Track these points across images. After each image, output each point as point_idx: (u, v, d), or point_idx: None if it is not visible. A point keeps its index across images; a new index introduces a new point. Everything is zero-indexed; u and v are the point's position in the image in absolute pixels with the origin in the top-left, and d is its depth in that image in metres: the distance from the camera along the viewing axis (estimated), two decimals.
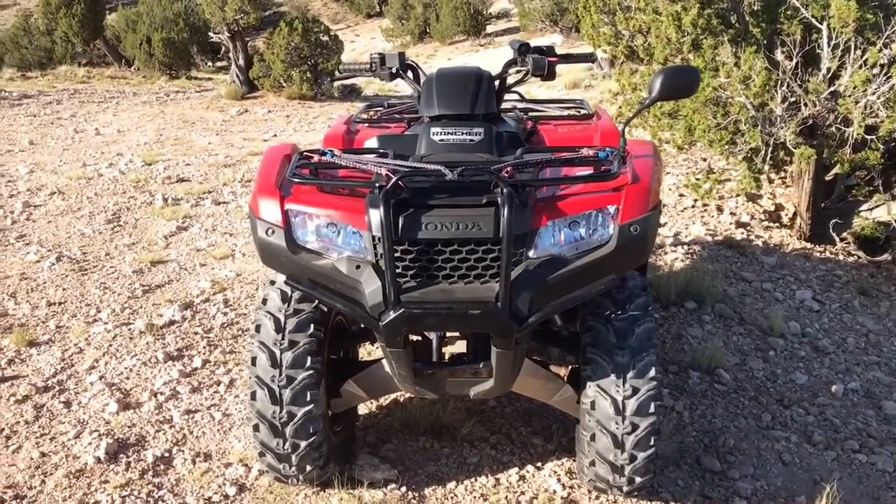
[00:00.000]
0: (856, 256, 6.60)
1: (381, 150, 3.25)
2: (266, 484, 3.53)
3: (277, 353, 3.16)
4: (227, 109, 14.01)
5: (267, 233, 2.95)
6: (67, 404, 4.23)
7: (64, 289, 5.76)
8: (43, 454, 3.79)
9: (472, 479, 3.55)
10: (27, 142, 10.82)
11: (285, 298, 3.22)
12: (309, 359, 3.16)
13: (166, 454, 3.79)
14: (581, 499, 3.43)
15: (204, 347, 4.81)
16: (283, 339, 3.17)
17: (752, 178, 6.50)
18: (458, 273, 2.82)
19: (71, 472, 3.64)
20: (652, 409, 3.05)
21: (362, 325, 3.55)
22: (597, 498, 3.42)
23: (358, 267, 2.86)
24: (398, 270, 2.79)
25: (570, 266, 2.83)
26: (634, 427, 3.05)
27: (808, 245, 6.79)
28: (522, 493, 3.46)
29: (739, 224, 7.03)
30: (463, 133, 3.13)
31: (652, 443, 3.09)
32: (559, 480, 3.53)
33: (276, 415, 3.16)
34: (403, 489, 3.47)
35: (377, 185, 2.83)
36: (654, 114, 7.24)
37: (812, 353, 4.92)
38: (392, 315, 2.78)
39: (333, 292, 2.93)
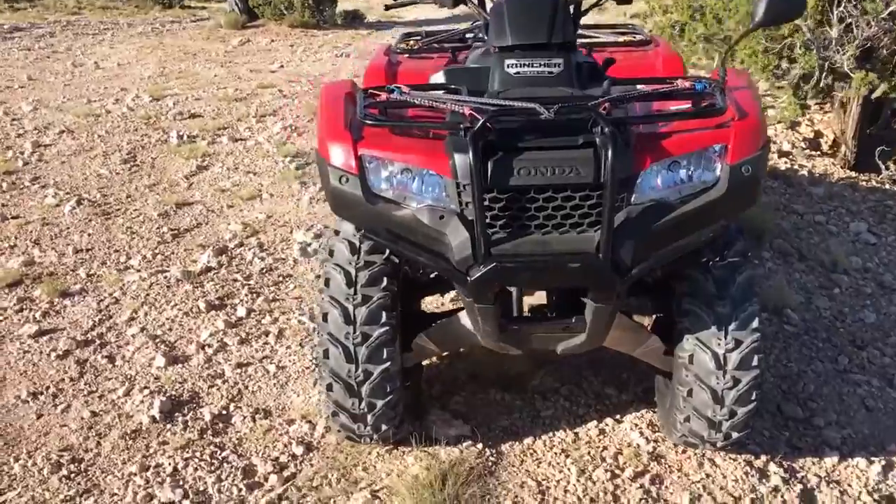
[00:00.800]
0: None
1: (452, 86, 2.98)
2: (334, 443, 3.37)
3: (350, 308, 2.95)
4: (229, 40, 13.49)
5: (340, 181, 2.70)
6: (111, 359, 4.03)
7: (89, 234, 5.51)
8: (94, 413, 3.61)
9: (550, 434, 3.39)
10: (25, 77, 10.39)
11: (354, 250, 3.00)
12: (384, 314, 2.96)
13: (223, 412, 3.62)
14: (667, 453, 3.27)
15: (246, 295, 4.60)
16: (355, 293, 2.95)
17: (799, 104, 6.23)
18: (552, 222, 2.59)
19: (126, 432, 3.47)
20: (755, 363, 2.87)
21: (431, 276, 3.33)
22: (683, 452, 3.26)
23: (442, 217, 2.63)
24: (487, 221, 2.56)
25: (676, 212, 2.61)
26: (736, 382, 2.87)
27: (853, 174, 6.55)
28: (605, 447, 3.31)
29: (782, 153, 6.78)
30: (541, 64, 2.85)
31: (753, 398, 2.92)
32: (641, 434, 3.37)
33: (351, 373, 2.97)
34: (479, 446, 3.31)
35: (462, 126, 2.57)
36: (688, 38, 6.92)
37: (878, 289, 4.74)
38: (482, 270, 2.56)
39: (414, 245, 2.71)
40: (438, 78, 3.22)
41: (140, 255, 5.15)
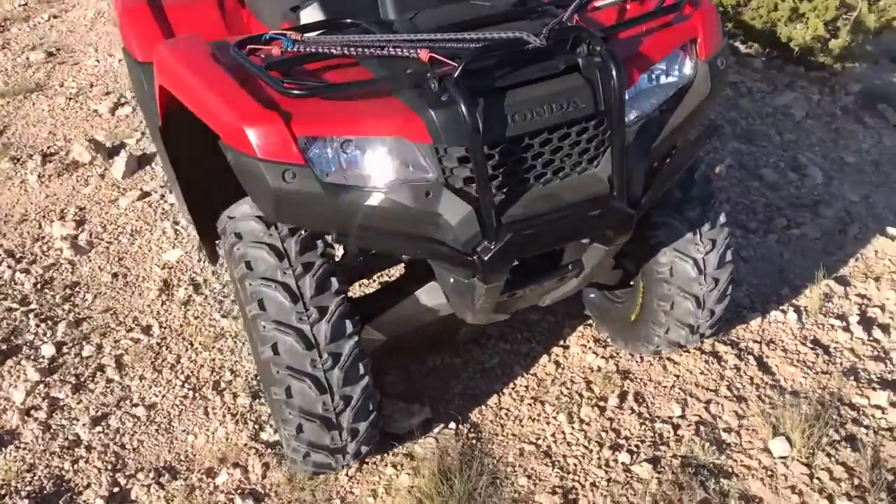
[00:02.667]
0: None
1: (349, 22, 2.37)
2: (284, 479, 2.78)
3: (307, 329, 2.33)
4: None
5: (285, 177, 2.04)
6: None
7: None
8: None
9: (510, 385, 3.10)
10: None
11: (280, 254, 2.35)
12: (347, 323, 2.40)
13: (114, 490, 2.82)
14: (630, 367, 3.15)
15: (39, 326, 3.56)
16: (306, 309, 2.34)
17: None
18: (550, 168, 2.20)
19: None
20: (729, 258, 2.79)
21: (360, 260, 2.75)
22: (642, 360, 3.17)
23: (428, 194, 2.11)
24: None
25: (668, 124, 2.35)
26: (716, 282, 2.79)
27: None
28: (572, 381, 3.10)
29: None
30: None
31: (729, 292, 2.86)
32: (596, 354, 3.20)
33: (327, 406, 2.40)
34: (452, 426, 2.93)
35: (430, 74, 2.03)
36: None
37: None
38: (497, 245, 2.12)
39: (397, 236, 2.17)
40: (314, 13, 2.55)
41: None
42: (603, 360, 3.16)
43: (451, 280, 2.37)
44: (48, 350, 3.42)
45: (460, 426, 2.92)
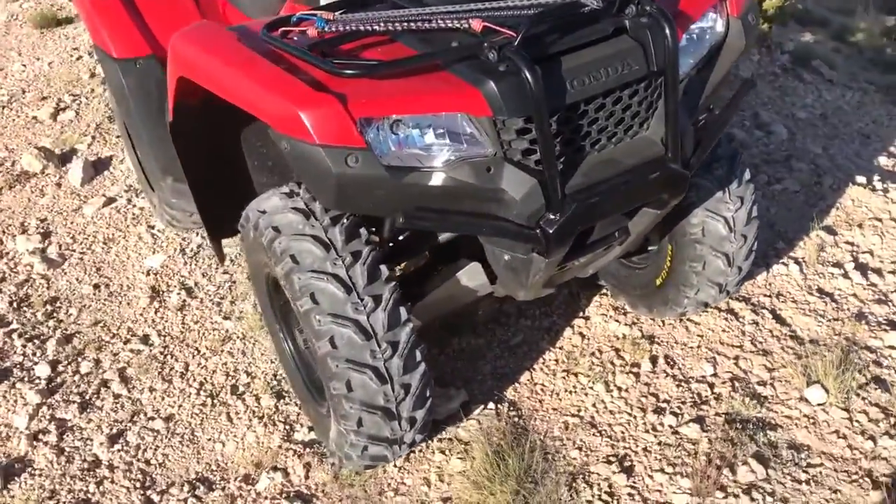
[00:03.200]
0: None
1: None
2: (330, 478, 2.69)
3: (363, 319, 2.24)
4: None
5: (348, 162, 1.95)
6: None
7: None
8: None
9: (538, 361, 3.08)
10: None
11: (328, 245, 2.26)
12: (402, 311, 2.32)
13: None
14: (654, 331, 3.16)
15: (25, 347, 3.34)
16: (361, 300, 2.25)
17: None
18: (605, 134, 2.18)
19: None
20: (755, 214, 2.82)
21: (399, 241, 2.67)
22: (663, 324, 3.19)
23: (489, 169, 2.06)
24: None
25: (710, 82, 2.37)
26: (745, 239, 2.81)
27: None
28: (600, 350, 3.09)
29: None
30: None
31: (755, 248, 2.89)
32: (618, 322, 3.20)
33: (388, 396, 2.31)
34: (491, 406, 2.88)
35: (485, 45, 1.98)
36: None
37: None
38: (563, 216, 2.09)
39: (458, 216, 2.11)
40: None
41: None
42: (626, 328, 3.17)
43: (506, 257, 2.32)
44: (43, 370, 3.22)
45: (499, 406, 2.88)
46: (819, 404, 2.80)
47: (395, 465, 2.70)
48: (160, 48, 3.12)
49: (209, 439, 2.90)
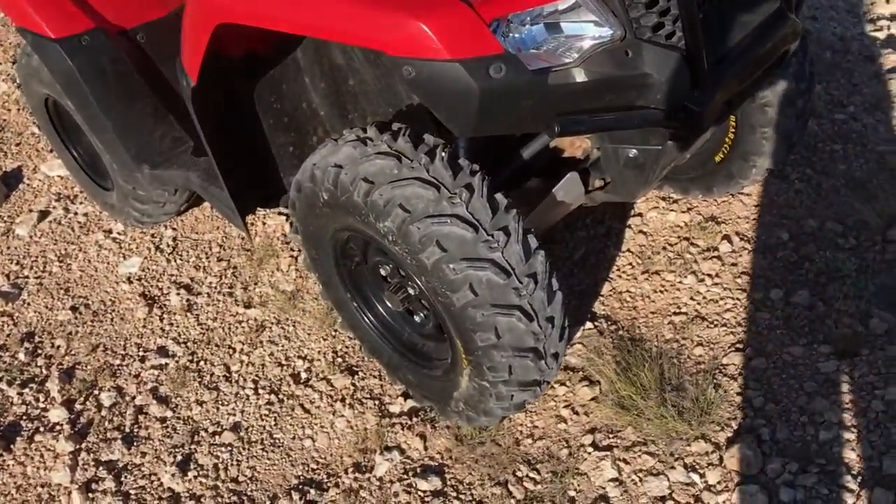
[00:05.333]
0: None
1: None
2: (452, 443, 2.42)
3: (498, 256, 1.96)
4: None
5: (491, 73, 1.66)
6: None
7: None
8: None
9: (612, 269, 2.88)
10: None
11: (437, 185, 1.94)
12: (531, 238, 2.04)
13: None
14: (713, 212, 3.02)
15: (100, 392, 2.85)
16: (489, 235, 1.96)
17: None
18: None
19: None
20: (810, 67, 2.70)
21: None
22: (719, 203, 3.05)
23: (628, 53, 1.82)
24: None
25: None
26: (809, 92, 2.70)
27: None
28: (670, 243, 2.93)
29: None
30: None
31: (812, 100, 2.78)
32: (674, 211, 3.04)
33: (537, 334, 2.04)
34: (588, 325, 2.68)
35: None
36: None
37: None
38: (712, 89, 1.88)
39: (604, 113, 1.86)
40: None
41: None
42: (685, 215, 3.01)
43: (631, 154, 2.08)
44: (59, 414, 2.74)
45: (595, 323, 2.68)
46: None
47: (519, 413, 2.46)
48: (103, 20, 2.66)
49: (293, 438, 2.55)
